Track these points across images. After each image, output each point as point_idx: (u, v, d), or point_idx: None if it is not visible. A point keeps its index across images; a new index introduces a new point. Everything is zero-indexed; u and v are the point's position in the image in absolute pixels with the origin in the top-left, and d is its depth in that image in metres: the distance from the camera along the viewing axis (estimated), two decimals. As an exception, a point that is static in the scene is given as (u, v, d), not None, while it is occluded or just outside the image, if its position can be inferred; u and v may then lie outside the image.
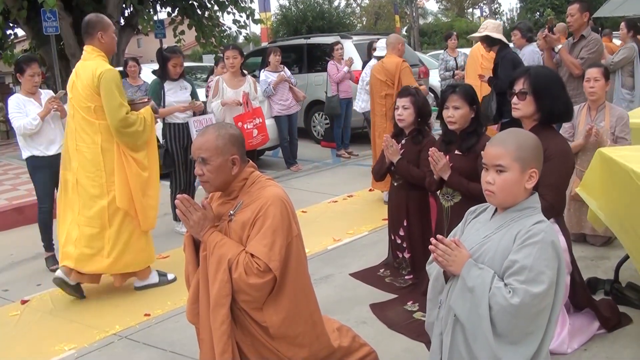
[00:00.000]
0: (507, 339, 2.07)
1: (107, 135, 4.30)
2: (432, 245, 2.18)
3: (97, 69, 4.24)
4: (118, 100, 4.24)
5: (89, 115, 4.30)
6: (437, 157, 3.70)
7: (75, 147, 4.37)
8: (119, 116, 4.23)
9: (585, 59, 5.49)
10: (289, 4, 26.78)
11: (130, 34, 14.68)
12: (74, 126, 4.38)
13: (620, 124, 4.54)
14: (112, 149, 4.32)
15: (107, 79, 4.22)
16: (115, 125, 4.25)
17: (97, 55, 4.37)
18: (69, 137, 4.44)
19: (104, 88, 4.21)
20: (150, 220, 4.55)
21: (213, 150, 2.50)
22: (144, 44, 34.02)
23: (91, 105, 4.27)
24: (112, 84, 4.23)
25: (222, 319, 2.45)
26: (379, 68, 6.47)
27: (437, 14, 51.18)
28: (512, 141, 2.15)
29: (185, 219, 2.53)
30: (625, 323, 3.59)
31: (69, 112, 4.46)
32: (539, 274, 2.02)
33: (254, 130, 7.01)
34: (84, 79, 4.28)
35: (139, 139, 4.39)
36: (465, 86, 3.88)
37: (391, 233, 4.62)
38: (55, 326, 4.13)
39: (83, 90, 4.27)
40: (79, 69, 4.37)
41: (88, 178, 4.34)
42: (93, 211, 4.34)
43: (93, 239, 4.36)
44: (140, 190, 4.40)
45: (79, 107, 4.32)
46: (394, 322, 3.82)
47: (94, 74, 4.22)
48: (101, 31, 4.36)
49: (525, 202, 2.18)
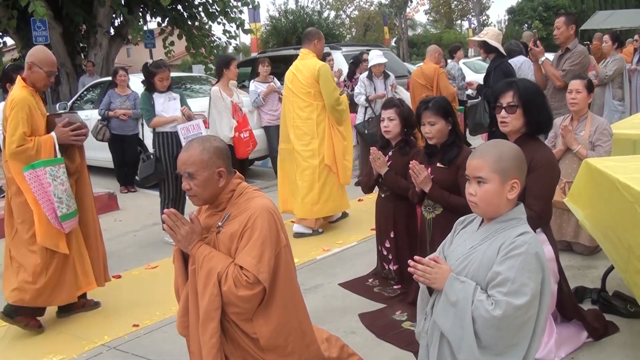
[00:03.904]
0: (492, 351, 2.08)
1: (321, 113, 5.83)
2: (411, 268, 2.20)
3: (316, 64, 5.82)
4: (333, 86, 5.87)
5: (308, 98, 5.84)
6: (418, 170, 3.72)
7: (292, 123, 5.92)
8: (334, 96, 5.80)
9: (567, 71, 5.56)
10: (279, 15, 26.92)
11: (120, 43, 14.68)
12: (291, 108, 5.94)
13: (598, 132, 4.64)
14: (324, 123, 5.84)
15: (324, 71, 5.81)
16: (331, 103, 5.78)
17: (313, 56, 5.93)
18: (287, 117, 6.04)
19: (323, 77, 5.76)
20: (347, 177, 6.07)
21: (199, 164, 2.50)
22: (134, 53, 33.97)
23: (311, 90, 5.82)
24: (328, 74, 5.86)
25: (212, 333, 2.45)
26: (419, 73, 7.38)
27: (426, 25, 51.54)
28: (492, 153, 2.17)
29: (173, 234, 2.52)
30: (612, 332, 3.61)
31: (288, 99, 5.98)
32: (522, 285, 2.03)
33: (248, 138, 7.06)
34: (304, 72, 5.85)
35: (343, 115, 5.90)
36: (438, 100, 3.86)
37: (378, 244, 4.64)
38: (44, 337, 4.11)
39: (304, 80, 5.83)
40: (298, 66, 5.94)
41: (302, 145, 5.89)
42: (306, 169, 5.87)
43: (307, 190, 5.86)
44: (342, 153, 5.92)
45: (299, 93, 5.86)
46: (383, 331, 3.83)
47: (314, 68, 5.78)
48: (316, 39, 5.95)
49: (510, 213, 2.19)
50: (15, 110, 3.93)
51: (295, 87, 5.91)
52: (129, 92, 8.49)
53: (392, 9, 43.75)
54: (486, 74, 6.56)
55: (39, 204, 3.95)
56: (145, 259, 5.45)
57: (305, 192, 5.89)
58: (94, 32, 13.37)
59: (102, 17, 13.10)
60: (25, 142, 3.92)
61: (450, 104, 3.92)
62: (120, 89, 8.43)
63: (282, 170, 6.28)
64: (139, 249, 5.94)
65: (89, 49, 13.76)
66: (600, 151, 4.57)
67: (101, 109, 8.36)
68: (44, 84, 4.16)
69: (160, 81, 5.89)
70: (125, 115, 8.24)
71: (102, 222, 7.00)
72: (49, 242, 4.00)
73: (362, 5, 46.90)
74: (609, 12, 26.21)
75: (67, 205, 4.00)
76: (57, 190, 3.95)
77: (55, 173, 3.96)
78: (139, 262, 5.50)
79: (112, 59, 14.10)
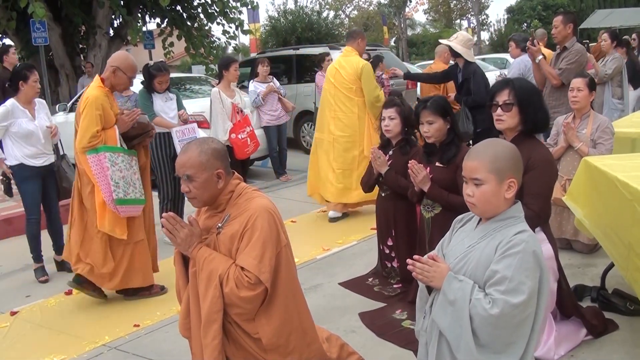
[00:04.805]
0: (490, 349, 2.09)
1: (361, 108, 6.22)
2: (410, 266, 2.20)
3: (359, 62, 6.21)
4: (374, 84, 6.26)
5: (350, 93, 6.20)
6: (417, 170, 3.73)
7: (333, 115, 6.30)
8: (374, 94, 6.17)
9: (563, 70, 5.57)
10: (278, 15, 26.84)
11: (119, 44, 14.66)
12: (332, 101, 6.31)
13: (600, 130, 4.64)
14: (364, 117, 6.22)
15: (367, 69, 6.22)
16: (370, 100, 6.15)
17: (356, 54, 6.31)
18: (326, 109, 6.40)
19: (365, 75, 6.15)
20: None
21: (197, 167, 2.50)
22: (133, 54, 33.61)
23: (353, 86, 6.19)
24: (370, 73, 6.27)
25: (214, 334, 2.46)
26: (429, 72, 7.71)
27: (425, 24, 51.49)
28: (487, 153, 2.17)
29: (172, 237, 2.52)
30: (611, 329, 3.62)
31: (329, 92, 6.34)
32: (519, 284, 2.03)
33: (247, 138, 7.05)
34: (348, 68, 6.21)
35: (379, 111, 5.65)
36: (437, 99, 3.88)
37: (380, 243, 4.65)
38: (45, 337, 4.12)
39: (347, 77, 6.19)
40: (341, 62, 6.32)
41: (343, 137, 6.25)
42: (346, 158, 6.26)
43: (344, 177, 6.25)
44: None
45: (342, 88, 6.23)
46: (383, 330, 3.84)
47: (357, 66, 6.16)
48: (360, 39, 6.39)
49: (508, 211, 2.20)
50: (88, 109, 4.28)
51: (338, 82, 6.29)
52: (130, 93, 8.46)
53: (391, 9, 43.71)
54: (460, 82, 6.54)
55: (99, 187, 4.28)
56: (146, 260, 5.45)
57: (342, 178, 6.27)
58: (93, 33, 13.37)
59: (101, 18, 13.09)
60: (95, 139, 4.28)
61: (449, 103, 3.92)
62: (122, 89, 8.42)
63: (314, 157, 6.64)
64: (139, 249, 5.93)
65: (88, 50, 13.76)
66: (601, 149, 4.57)
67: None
68: (125, 87, 4.67)
69: (160, 84, 5.95)
70: None
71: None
72: (107, 226, 4.33)
73: (361, 5, 46.92)
74: (608, 10, 26.19)
75: (123, 191, 4.35)
76: (114, 175, 4.31)
77: (114, 159, 4.34)
78: (140, 262, 5.50)
79: (111, 60, 14.09)
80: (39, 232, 5.22)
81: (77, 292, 4.76)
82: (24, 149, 5.02)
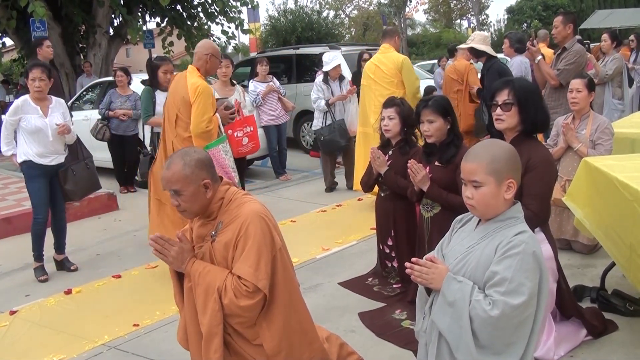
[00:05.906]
0: (490, 350, 2.08)
1: None
2: (408, 269, 2.20)
3: (399, 57, 6.62)
4: (414, 76, 6.67)
5: (390, 86, 6.50)
6: (416, 169, 3.73)
7: (374, 109, 6.39)
8: (415, 85, 6.57)
9: (562, 70, 5.57)
10: (278, 15, 26.89)
11: (119, 44, 14.67)
12: (372, 95, 6.61)
13: (599, 131, 4.64)
14: None
15: (407, 63, 6.63)
16: (412, 91, 6.50)
17: (393, 50, 6.71)
18: (367, 102, 6.71)
19: (405, 68, 6.54)
20: None
21: (183, 181, 2.47)
22: (133, 54, 33.94)
23: (394, 80, 6.54)
24: (410, 66, 6.69)
25: (216, 348, 2.46)
26: (452, 69, 7.88)
27: (425, 24, 51.49)
28: (485, 155, 2.16)
29: (164, 257, 2.50)
30: (611, 330, 3.62)
31: (370, 87, 6.66)
32: (519, 285, 2.03)
33: (244, 138, 7.00)
34: (388, 63, 6.58)
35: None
36: (438, 99, 3.88)
37: (380, 243, 4.65)
38: (44, 337, 4.12)
39: (388, 71, 6.56)
40: (380, 58, 6.67)
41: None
42: None
43: None
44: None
45: (382, 82, 6.58)
46: (382, 330, 3.84)
47: (398, 60, 6.57)
48: (396, 36, 6.87)
49: (508, 212, 2.19)
50: (202, 96, 4.63)
51: (378, 76, 6.65)
52: (130, 92, 8.47)
53: (392, 9, 43.71)
54: (481, 76, 6.78)
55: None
56: (145, 259, 5.45)
57: None
58: (93, 32, 13.36)
59: (101, 17, 13.09)
60: (211, 123, 4.65)
61: (450, 103, 3.92)
62: (121, 89, 8.41)
63: (359, 150, 6.88)
64: (139, 249, 5.94)
65: (88, 49, 13.75)
66: (601, 150, 4.57)
67: (101, 109, 8.34)
68: (216, 70, 5.18)
69: (164, 74, 5.90)
70: (125, 115, 8.23)
71: (102, 222, 7.07)
72: None
73: (361, 4, 46.92)
74: (608, 11, 26.20)
75: (236, 175, 4.74)
76: (230, 162, 4.69)
77: (226, 148, 4.72)
78: (139, 262, 5.50)
79: (111, 59, 14.09)
80: (44, 232, 5.22)
81: (77, 292, 4.77)
82: (33, 146, 5.02)
